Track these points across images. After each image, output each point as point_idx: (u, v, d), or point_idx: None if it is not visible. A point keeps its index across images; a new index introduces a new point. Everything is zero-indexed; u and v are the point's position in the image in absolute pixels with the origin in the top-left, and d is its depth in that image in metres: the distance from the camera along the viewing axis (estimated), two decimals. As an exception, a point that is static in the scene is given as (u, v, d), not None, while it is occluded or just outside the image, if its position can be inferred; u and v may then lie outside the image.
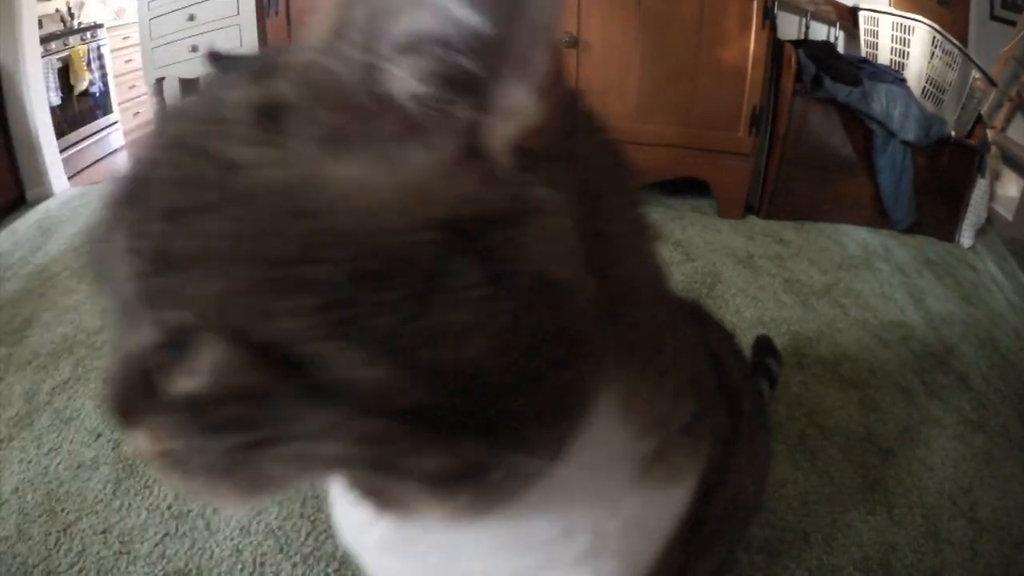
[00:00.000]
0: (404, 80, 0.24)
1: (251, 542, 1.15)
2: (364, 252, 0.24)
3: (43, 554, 1.16)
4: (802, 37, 2.82)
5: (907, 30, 2.70)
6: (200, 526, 1.19)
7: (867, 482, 1.28)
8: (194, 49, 2.50)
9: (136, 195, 0.27)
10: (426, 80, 0.24)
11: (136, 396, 0.30)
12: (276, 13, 2.33)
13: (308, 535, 1.16)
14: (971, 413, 1.51)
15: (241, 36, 2.48)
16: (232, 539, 1.16)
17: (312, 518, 1.19)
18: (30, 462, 1.37)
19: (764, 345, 1.48)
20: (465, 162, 0.25)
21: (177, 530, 1.19)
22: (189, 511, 1.22)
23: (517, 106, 0.25)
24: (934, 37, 2.62)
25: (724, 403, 0.49)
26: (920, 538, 1.16)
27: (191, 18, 2.47)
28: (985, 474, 1.33)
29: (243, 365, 0.26)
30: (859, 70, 2.58)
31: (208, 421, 0.28)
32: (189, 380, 0.27)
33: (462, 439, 0.27)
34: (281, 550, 1.14)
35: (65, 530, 1.20)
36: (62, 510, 1.24)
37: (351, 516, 0.48)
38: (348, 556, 1.10)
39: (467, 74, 0.24)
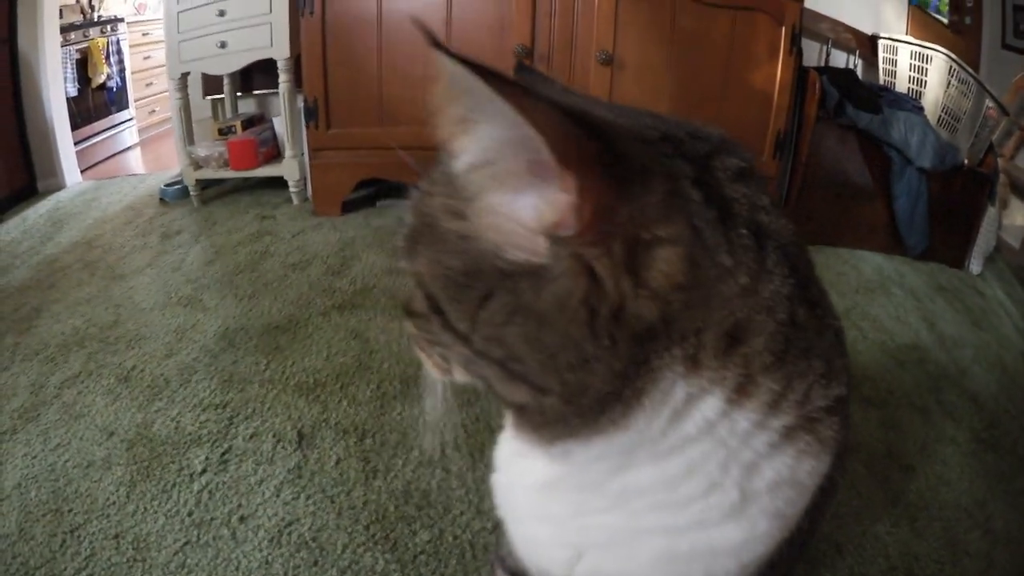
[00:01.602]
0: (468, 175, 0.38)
1: (282, 554, 1.07)
2: (466, 266, 0.40)
3: (47, 556, 1.07)
4: (823, 64, 2.84)
5: (925, 59, 2.75)
6: (225, 535, 1.10)
7: (890, 496, 1.30)
8: (222, 45, 2.45)
9: (402, 220, 0.46)
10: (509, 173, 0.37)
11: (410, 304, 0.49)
12: (311, 14, 2.29)
13: (345, 548, 1.08)
14: (983, 432, 1.53)
15: (272, 35, 2.44)
16: (261, 550, 1.07)
17: (349, 530, 1.11)
18: (35, 457, 1.28)
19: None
20: (529, 232, 0.37)
21: (199, 539, 1.10)
22: (212, 519, 1.13)
23: (546, 207, 0.36)
24: (951, 66, 2.66)
25: None
26: (940, 549, 1.19)
27: (221, 14, 2.40)
28: (998, 489, 1.36)
29: (420, 300, 0.45)
30: (879, 97, 2.59)
31: (414, 323, 0.48)
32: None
33: (517, 385, 0.42)
34: (316, 563, 1.05)
35: (72, 532, 1.11)
36: (69, 510, 1.16)
37: (515, 481, 0.58)
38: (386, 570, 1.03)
39: (531, 173, 0.36)
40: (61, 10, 3.03)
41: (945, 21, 2.97)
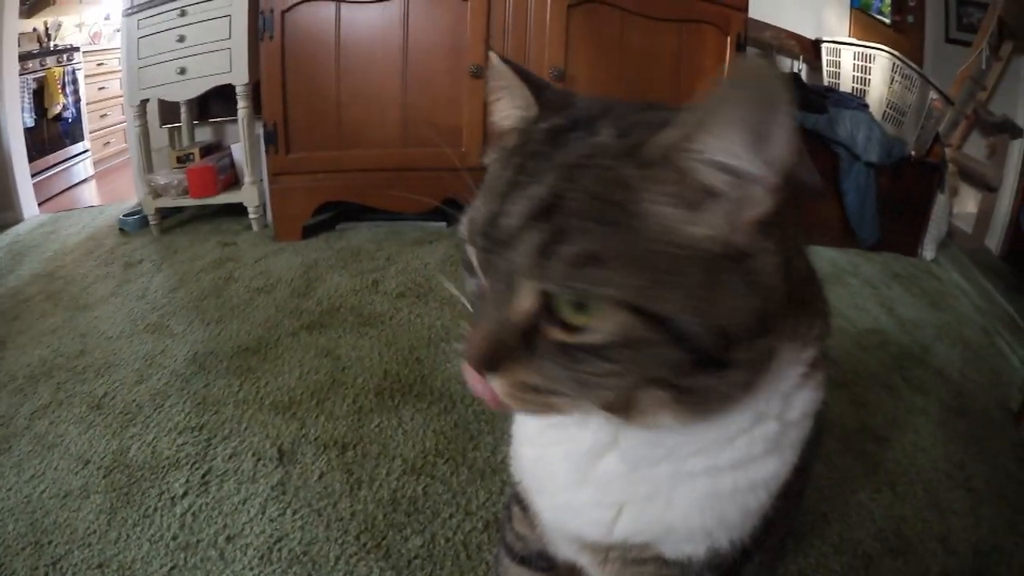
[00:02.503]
0: (710, 177, 0.43)
1: (273, 571, 1.06)
2: (683, 263, 0.43)
3: (29, 590, 1.05)
4: (768, 70, 2.93)
5: (868, 58, 2.85)
6: (213, 556, 1.09)
7: (868, 466, 1.34)
8: (182, 71, 2.44)
9: (548, 209, 0.44)
10: (717, 183, 0.43)
11: (504, 348, 0.45)
12: (271, 38, 2.30)
13: (338, 559, 1.08)
14: (952, 401, 1.59)
15: (231, 60, 2.44)
16: (251, 568, 1.06)
17: (340, 541, 1.11)
18: (9, 490, 1.25)
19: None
20: (733, 224, 0.44)
21: (187, 562, 1.08)
22: (198, 541, 1.12)
23: (759, 200, 0.43)
24: (894, 63, 2.76)
25: None
26: (924, 509, 1.23)
27: (181, 39, 2.40)
28: (974, 451, 1.40)
29: (639, 324, 0.42)
30: (824, 98, 2.69)
31: (574, 358, 0.44)
32: (560, 333, 0.44)
33: (706, 370, 0.45)
34: (309, 576, 1.06)
35: (54, 564, 1.09)
36: (49, 542, 1.13)
37: (551, 452, 0.61)
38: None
39: (737, 182, 0.43)
40: (18, 38, 2.97)
41: (887, 21, 3.10)
